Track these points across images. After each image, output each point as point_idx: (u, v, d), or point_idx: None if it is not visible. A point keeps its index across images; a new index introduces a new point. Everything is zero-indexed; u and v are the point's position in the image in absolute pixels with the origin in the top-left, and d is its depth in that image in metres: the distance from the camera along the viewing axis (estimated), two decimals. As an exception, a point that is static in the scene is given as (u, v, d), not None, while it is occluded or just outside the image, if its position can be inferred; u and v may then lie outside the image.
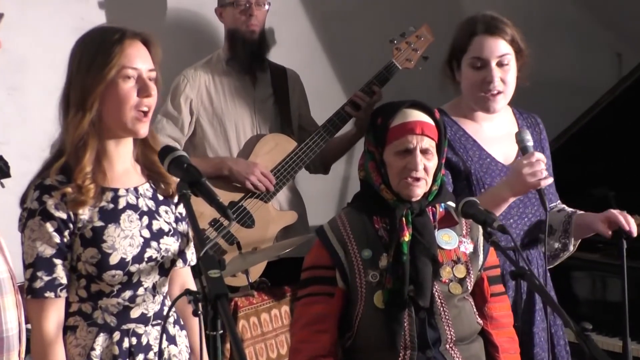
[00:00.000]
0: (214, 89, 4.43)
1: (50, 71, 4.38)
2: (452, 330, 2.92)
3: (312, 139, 4.38)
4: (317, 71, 5.07)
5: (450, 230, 3.04)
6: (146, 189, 2.77)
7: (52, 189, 2.62)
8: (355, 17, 5.25)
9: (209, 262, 2.14)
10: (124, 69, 2.63)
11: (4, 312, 2.26)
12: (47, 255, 2.60)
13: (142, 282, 2.70)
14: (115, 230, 2.65)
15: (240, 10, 4.42)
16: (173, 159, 2.50)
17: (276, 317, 3.86)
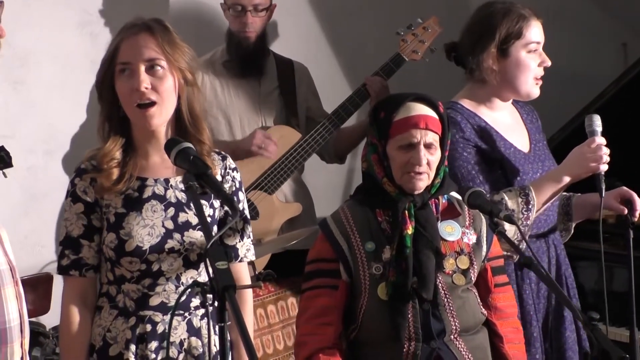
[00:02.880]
0: (218, 83, 4.45)
1: (55, 65, 4.43)
2: (456, 321, 2.94)
3: (317, 131, 4.39)
4: (323, 64, 5.09)
5: (453, 222, 3.06)
6: (179, 181, 2.82)
7: (84, 172, 2.78)
8: (361, 10, 5.27)
9: (216, 253, 2.16)
10: (117, 65, 2.74)
11: (5, 304, 2.28)
12: (74, 235, 2.76)
13: (163, 272, 2.76)
14: (135, 219, 2.74)
15: (236, 16, 4.43)
16: (179, 151, 2.53)
17: (283, 308, 3.88)
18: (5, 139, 4.19)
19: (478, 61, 3.46)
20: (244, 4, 4.38)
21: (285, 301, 3.92)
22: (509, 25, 3.43)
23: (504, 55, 3.44)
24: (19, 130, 4.33)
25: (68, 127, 4.52)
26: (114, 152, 2.75)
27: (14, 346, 2.31)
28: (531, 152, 3.53)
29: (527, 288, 3.41)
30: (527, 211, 3.31)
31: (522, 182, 3.40)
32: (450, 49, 3.60)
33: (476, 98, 3.52)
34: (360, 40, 5.26)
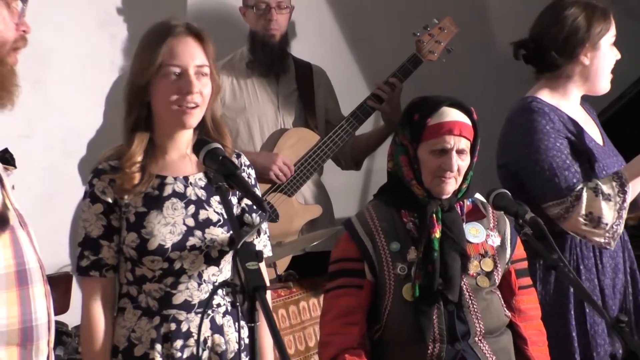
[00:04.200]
0: (237, 86, 4.47)
1: (74, 65, 4.45)
2: (481, 323, 2.95)
3: (335, 133, 4.41)
4: (340, 65, 5.10)
5: (477, 224, 3.07)
6: (198, 179, 2.83)
7: (102, 172, 2.78)
8: (377, 11, 5.28)
9: (246, 254, 2.16)
10: (164, 66, 2.72)
11: (33, 302, 2.29)
12: (94, 236, 2.75)
13: (185, 270, 2.77)
14: (156, 217, 2.74)
15: (260, 14, 4.43)
16: (208, 152, 2.55)
17: (304, 309, 3.89)
18: (24, 138, 4.23)
19: (570, 57, 3.55)
20: (268, 1, 4.41)
21: (307, 302, 3.92)
22: (599, 20, 3.55)
23: (595, 50, 3.55)
24: (37, 130, 4.34)
25: (86, 126, 4.53)
26: (138, 154, 2.75)
27: (41, 344, 2.32)
28: (605, 146, 3.62)
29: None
30: (623, 194, 3.40)
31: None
32: (519, 47, 3.63)
33: (554, 92, 3.61)
34: (376, 40, 5.27)
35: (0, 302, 2.22)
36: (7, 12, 2.28)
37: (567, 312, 3.47)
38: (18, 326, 2.25)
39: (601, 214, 3.38)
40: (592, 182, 3.43)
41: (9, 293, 2.23)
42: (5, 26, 2.27)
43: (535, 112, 3.51)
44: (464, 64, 4.90)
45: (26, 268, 2.28)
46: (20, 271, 2.27)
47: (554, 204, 3.45)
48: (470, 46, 4.94)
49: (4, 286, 2.22)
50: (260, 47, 4.46)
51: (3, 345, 2.23)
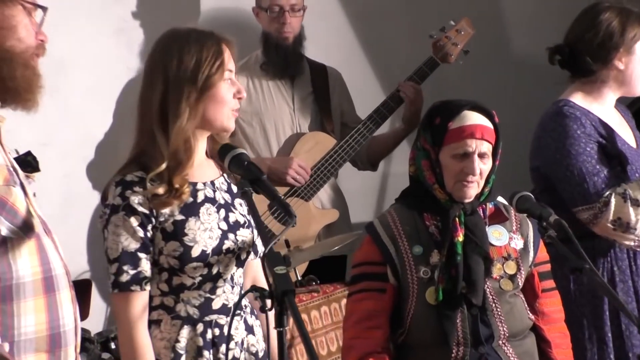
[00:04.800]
0: (252, 90, 4.48)
1: (92, 72, 4.48)
2: (504, 326, 2.96)
3: (351, 137, 4.41)
4: (355, 68, 5.11)
5: (500, 227, 3.08)
6: (221, 182, 2.84)
7: (133, 184, 2.70)
8: (392, 13, 5.29)
9: (274, 258, 2.18)
10: (225, 72, 2.72)
11: (60, 308, 2.32)
12: (131, 250, 2.68)
13: (221, 274, 2.77)
14: (195, 224, 2.72)
15: (274, 17, 4.45)
16: (233, 157, 2.56)
17: (326, 314, 3.90)
18: (42, 146, 4.23)
19: (605, 62, 3.58)
20: (281, 4, 4.42)
21: (328, 306, 3.93)
22: (634, 25, 3.57)
23: (629, 54, 3.57)
24: (55, 137, 4.36)
25: (104, 133, 4.56)
26: (187, 168, 2.72)
27: (69, 350, 2.35)
28: (639, 148, 3.64)
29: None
30: None
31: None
32: (555, 52, 3.66)
33: (588, 96, 3.64)
34: (391, 42, 5.28)
35: (28, 309, 2.24)
36: (29, 21, 2.34)
37: (602, 313, 3.49)
38: (46, 333, 2.28)
39: (629, 219, 3.41)
40: (620, 188, 3.45)
41: (36, 300, 2.25)
42: (28, 33, 2.33)
43: (567, 116, 3.55)
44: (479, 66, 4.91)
45: (52, 275, 2.31)
46: (47, 278, 2.29)
47: (583, 209, 3.49)
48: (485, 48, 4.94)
49: (32, 293, 2.25)
50: (273, 49, 4.48)
51: (32, 352, 2.25)
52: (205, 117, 2.73)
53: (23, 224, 2.26)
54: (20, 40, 2.30)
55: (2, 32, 2.28)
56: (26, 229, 2.27)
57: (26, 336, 2.24)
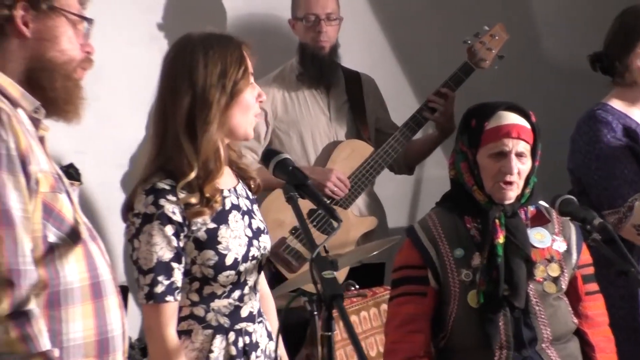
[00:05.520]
0: (288, 99, 4.50)
1: (127, 80, 4.51)
2: (548, 329, 2.97)
3: (388, 144, 4.42)
4: (387, 74, 5.11)
5: (542, 229, 3.09)
6: (241, 189, 2.86)
7: (165, 192, 2.67)
8: (424, 18, 5.29)
9: (321, 263, 2.20)
10: (250, 76, 2.75)
11: (107, 313, 2.34)
12: (166, 260, 2.66)
13: (247, 281, 2.77)
14: (226, 231, 2.72)
15: (310, 26, 4.48)
16: (278, 162, 2.57)
17: (365, 319, 3.91)
18: (79, 154, 4.29)
19: (627, 63, 3.61)
20: (317, 13, 4.44)
21: (367, 311, 3.94)
22: None
23: None
24: (92, 146, 4.39)
25: (140, 141, 4.59)
26: (219, 177, 2.73)
27: (117, 355, 2.36)
28: None
29: None
30: None
31: None
32: (594, 60, 3.68)
33: (625, 100, 3.67)
34: (423, 48, 5.28)
35: (77, 315, 2.26)
36: (73, 32, 2.36)
37: None
38: (94, 338, 2.29)
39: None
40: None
41: (84, 306, 2.28)
42: (71, 45, 2.35)
43: (599, 121, 3.58)
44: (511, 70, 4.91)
45: (100, 280, 2.33)
46: (95, 284, 2.32)
47: (609, 212, 3.52)
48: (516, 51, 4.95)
49: (80, 299, 2.27)
50: (310, 59, 4.49)
51: (80, 358, 2.27)
52: (230, 125, 2.74)
53: (70, 231, 2.28)
54: (63, 52, 2.32)
55: (44, 43, 2.31)
56: (73, 235, 2.29)
57: (75, 342, 2.26)
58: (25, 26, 2.29)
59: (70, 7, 2.35)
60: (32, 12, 2.29)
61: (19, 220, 2.15)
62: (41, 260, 2.21)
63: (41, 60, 2.30)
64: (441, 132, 4.51)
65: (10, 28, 2.28)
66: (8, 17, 2.27)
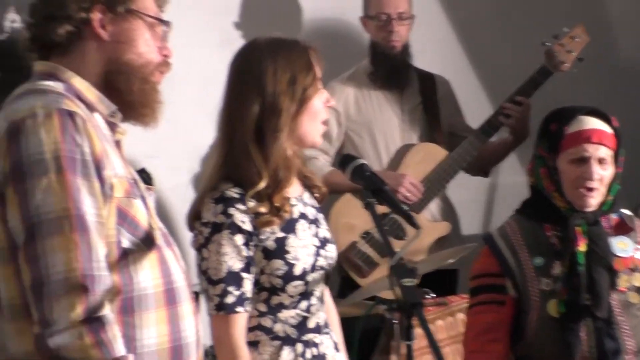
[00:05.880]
0: (362, 100, 4.49)
1: (198, 84, 4.52)
2: (632, 340, 2.92)
3: (462, 147, 4.40)
4: (461, 76, 5.08)
5: (625, 238, 3.04)
6: (307, 197, 2.83)
7: (235, 201, 2.65)
8: (500, 18, 5.25)
9: (401, 270, 2.17)
10: (318, 82, 2.73)
11: (181, 320, 2.33)
12: (236, 270, 2.64)
13: (314, 292, 2.75)
14: (294, 241, 2.70)
15: (381, 26, 4.45)
16: (355, 168, 2.54)
17: (441, 328, 3.88)
18: (150, 159, 4.29)
19: None
20: (389, 12, 4.42)
21: (443, 320, 3.91)
22: None
23: None
24: (163, 150, 4.42)
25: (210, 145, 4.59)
26: (289, 186, 2.72)
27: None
28: None
29: None
30: None
31: None
32: None
33: None
34: (498, 50, 5.24)
35: (150, 321, 2.26)
36: (150, 35, 2.36)
37: None
38: (168, 345, 2.29)
39: None
40: None
41: (158, 312, 2.27)
42: (148, 48, 2.35)
43: None
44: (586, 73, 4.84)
45: (174, 287, 2.33)
46: (169, 290, 2.31)
47: None
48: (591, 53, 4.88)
49: (153, 305, 2.27)
50: (381, 58, 4.48)
51: (154, 364, 2.27)
52: (299, 132, 2.71)
53: (144, 236, 2.28)
54: (140, 54, 2.32)
55: (121, 45, 2.31)
56: (147, 241, 2.29)
57: (148, 348, 2.25)
58: (103, 29, 2.29)
59: (148, 10, 2.35)
60: (110, 15, 2.30)
61: (93, 225, 2.15)
62: (115, 265, 2.21)
63: (118, 63, 2.31)
64: (515, 138, 4.47)
65: (87, 31, 2.29)
66: (86, 20, 2.28)
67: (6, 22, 4.35)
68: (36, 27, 2.32)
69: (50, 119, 2.13)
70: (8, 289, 2.18)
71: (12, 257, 2.16)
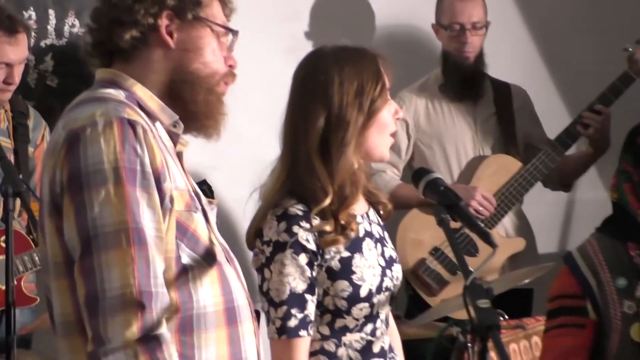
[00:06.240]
0: (432, 111, 4.49)
1: (262, 93, 4.52)
2: None
3: (539, 159, 4.37)
4: (538, 85, 5.06)
5: None
6: (372, 214, 2.81)
7: (299, 218, 2.63)
8: (579, 24, 5.23)
9: (476, 290, 2.13)
10: (387, 93, 2.71)
11: (242, 340, 2.32)
12: (299, 291, 2.62)
13: (379, 314, 2.73)
14: (360, 260, 2.67)
15: (454, 36, 4.44)
16: (429, 181, 2.49)
17: (515, 352, 3.84)
18: (211, 170, 4.31)
19: None
20: (462, 22, 4.41)
21: (517, 344, 3.86)
22: None
23: None
24: (224, 161, 4.44)
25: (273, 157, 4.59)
26: (355, 203, 2.69)
27: (251, 383, 2.34)
28: None
29: None
30: None
31: None
32: None
33: None
34: (577, 57, 5.21)
35: (209, 341, 2.25)
36: (217, 44, 2.35)
37: None
38: None
39: None
40: None
41: (218, 332, 2.26)
42: (215, 58, 2.34)
43: None
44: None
45: (235, 305, 2.31)
46: (229, 309, 2.30)
47: None
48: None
49: (213, 325, 2.26)
50: (453, 69, 4.48)
51: (213, 386, 2.26)
52: (366, 145, 2.70)
53: (205, 252, 2.27)
54: (206, 64, 2.32)
55: (187, 54, 2.30)
56: (208, 257, 2.28)
57: None
58: (170, 36, 2.29)
59: (216, 18, 2.35)
60: (177, 22, 2.30)
61: (152, 239, 2.14)
62: (174, 282, 2.20)
63: (184, 72, 2.30)
64: (595, 149, 4.43)
65: (154, 37, 2.29)
66: (153, 26, 2.28)
67: (65, 27, 4.39)
68: (100, 32, 2.32)
69: (111, 128, 2.13)
70: (62, 304, 2.19)
71: (67, 271, 2.16)
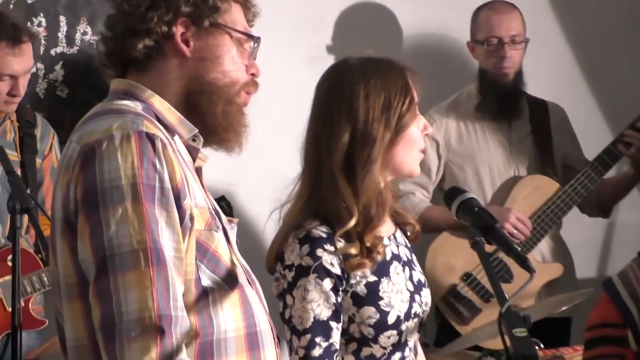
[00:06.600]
0: (464, 129, 4.48)
1: (282, 105, 4.52)
2: None
3: (577, 180, 4.36)
4: (578, 103, 5.07)
5: None
6: (399, 236, 2.80)
7: (323, 241, 2.61)
8: (622, 38, 5.22)
9: (512, 318, 2.13)
10: (416, 108, 2.70)
11: None
12: (323, 318, 2.59)
13: (407, 342, 2.71)
14: (388, 285, 2.66)
15: (492, 51, 4.43)
16: (462, 202, 2.48)
17: (552, 384, 3.84)
18: (230, 186, 4.33)
19: None
20: (500, 35, 4.40)
21: (554, 376, 3.87)
22: None
23: None
24: (244, 177, 4.44)
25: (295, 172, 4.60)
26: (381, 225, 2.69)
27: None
28: None
29: None
30: None
31: None
32: None
33: None
34: (621, 71, 5.21)
35: None
36: (238, 52, 2.33)
37: None
38: None
39: None
40: None
41: (239, 358, 2.24)
42: (234, 66, 2.32)
43: None
44: None
45: (257, 330, 2.30)
46: (251, 333, 2.28)
47: None
48: None
49: (234, 350, 2.24)
50: (491, 87, 4.46)
51: (234, 414, 2.25)
52: (394, 163, 2.69)
53: (226, 274, 2.25)
54: (225, 73, 2.29)
55: (204, 63, 2.29)
56: (229, 279, 2.26)
57: None
58: (186, 44, 2.27)
59: (236, 24, 2.33)
60: (193, 29, 2.28)
61: (171, 260, 2.12)
62: (193, 305, 2.19)
63: (201, 82, 2.28)
64: (638, 170, 4.41)
65: (169, 46, 2.27)
66: (167, 34, 2.26)
67: (77, 34, 4.41)
68: (113, 41, 2.30)
69: (128, 142, 2.11)
70: (75, 328, 2.18)
71: (81, 294, 2.15)
